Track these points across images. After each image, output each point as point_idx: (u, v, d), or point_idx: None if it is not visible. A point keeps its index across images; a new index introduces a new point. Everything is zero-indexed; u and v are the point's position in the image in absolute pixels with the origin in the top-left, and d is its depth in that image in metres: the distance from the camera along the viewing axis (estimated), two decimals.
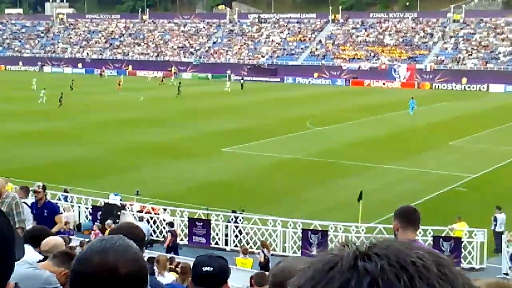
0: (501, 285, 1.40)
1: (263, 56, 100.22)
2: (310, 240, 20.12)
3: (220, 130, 45.26)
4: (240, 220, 22.94)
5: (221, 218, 23.02)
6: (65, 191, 25.72)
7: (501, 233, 21.66)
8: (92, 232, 21.54)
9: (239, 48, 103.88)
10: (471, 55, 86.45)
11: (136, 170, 32.88)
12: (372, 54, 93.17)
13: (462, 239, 21.04)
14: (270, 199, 27.59)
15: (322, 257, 1.18)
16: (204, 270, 4.00)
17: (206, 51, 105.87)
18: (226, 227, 22.84)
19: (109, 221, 20.64)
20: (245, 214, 23.44)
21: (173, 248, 20.72)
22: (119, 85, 73.88)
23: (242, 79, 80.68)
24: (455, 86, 79.49)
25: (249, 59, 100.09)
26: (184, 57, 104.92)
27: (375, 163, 34.57)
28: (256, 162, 35.44)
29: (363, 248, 1.17)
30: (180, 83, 71.06)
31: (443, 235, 21.21)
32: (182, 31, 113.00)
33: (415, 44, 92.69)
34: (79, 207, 24.87)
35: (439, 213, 24.95)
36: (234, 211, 23.49)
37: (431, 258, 1.14)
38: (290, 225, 22.04)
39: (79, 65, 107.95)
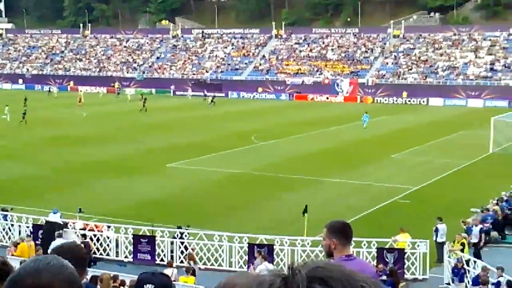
0: None
1: (207, 71, 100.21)
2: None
3: (164, 145, 44.96)
4: (185, 236, 22.76)
5: (166, 234, 22.80)
6: (4, 210, 25.05)
7: (443, 243, 22.11)
8: (8, 249, 20.99)
9: (183, 63, 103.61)
10: (411, 69, 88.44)
11: (79, 187, 32.31)
12: (315, 69, 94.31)
13: (405, 250, 21.38)
14: (216, 214, 27.50)
15: (272, 278, 1.16)
16: (146, 287, 3.95)
17: (150, 66, 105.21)
18: (172, 243, 22.63)
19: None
20: (191, 229, 23.28)
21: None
22: (80, 101, 72.65)
23: (214, 97, 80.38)
24: (396, 100, 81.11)
25: (193, 74, 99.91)
26: (127, 72, 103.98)
27: (319, 176, 34.89)
28: (201, 177, 35.29)
29: (314, 271, 1.16)
30: (145, 98, 70.08)
31: (386, 246, 21.52)
32: (125, 47, 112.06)
33: (357, 59, 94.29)
34: (19, 226, 24.25)
35: (383, 225, 25.34)
36: (179, 227, 23.30)
37: (373, 285, 1.18)
38: (236, 239, 21.99)
39: (20, 80, 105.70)
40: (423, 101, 79.38)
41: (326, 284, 1.12)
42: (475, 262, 20.17)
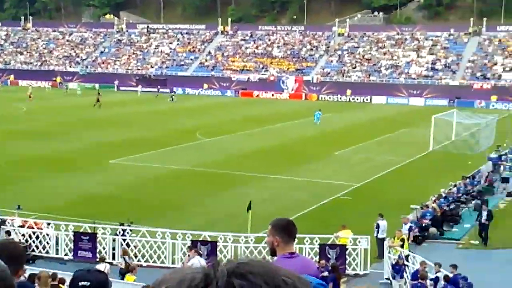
0: None
1: (152, 67, 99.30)
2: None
3: (107, 141, 44.36)
4: (128, 233, 22.50)
5: (108, 231, 22.48)
6: None
7: (383, 239, 22.49)
8: None
9: (127, 58, 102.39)
10: (355, 68, 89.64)
11: (17, 183, 31.54)
12: (261, 66, 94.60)
13: (347, 246, 21.67)
14: (159, 211, 27.28)
15: (193, 275, 1.14)
16: (81, 284, 3.88)
17: (93, 61, 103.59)
18: (114, 240, 22.34)
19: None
20: (134, 226, 23.03)
21: None
22: (30, 96, 70.78)
23: (174, 93, 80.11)
24: (340, 98, 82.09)
25: (138, 70, 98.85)
26: (70, 66, 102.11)
27: (264, 173, 35.02)
28: (145, 173, 34.96)
29: (235, 267, 1.15)
30: (99, 93, 68.74)
31: (329, 243, 21.75)
32: (68, 40, 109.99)
33: (303, 57, 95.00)
34: None
35: (325, 221, 25.60)
36: (122, 224, 23.01)
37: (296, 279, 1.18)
38: (179, 236, 21.86)
39: None
40: (367, 99, 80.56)
41: (246, 279, 1.11)
42: (414, 257, 20.58)
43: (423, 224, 25.19)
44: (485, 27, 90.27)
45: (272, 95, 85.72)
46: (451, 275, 18.06)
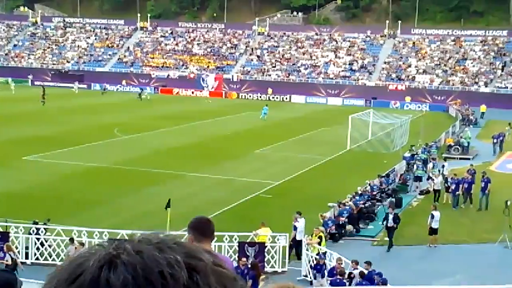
0: (284, 286, 1.35)
1: (68, 61, 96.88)
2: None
3: (21, 137, 42.90)
4: (42, 231, 21.82)
5: (21, 230, 21.74)
6: None
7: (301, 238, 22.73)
8: None
9: (42, 52, 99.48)
10: (274, 67, 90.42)
11: None
12: (181, 63, 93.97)
13: (266, 244, 21.79)
14: (75, 209, 26.60)
15: (71, 263, 1.04)
16: None
17: (6, 54, 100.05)
18: (27, 239, 21.63)
19: None
20: (49, 225, 22.36)
21: None
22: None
23: (142, 90, 78.20)
24: (260, 96, 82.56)
25: (54, 64, 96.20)
26: None
27: (183, 171, 34.78)
28: (61, 171, 34.03)
29: (113, 251, 1.04)
30: (44, 90, 66.01)
31: (248, 240, 21.81)
32: None
33: (223, 55, 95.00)
34: None
35: (245, 219, 25.67)
36: (35, 222, 22.30)
37: (185, 263, 1.04)
38: (96, 235, 21.40)
39: None
40: (286, 98, 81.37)
41: (116, 270, 1.01)
42: (331, 254, 20.91)
43: (340, 222, 25.65)
44: (400, 30, 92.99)
45: (192, 92, 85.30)
46: (366, 271, 18.45)
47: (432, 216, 24.85)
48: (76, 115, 56.09)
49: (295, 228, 23.10)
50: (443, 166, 35.00)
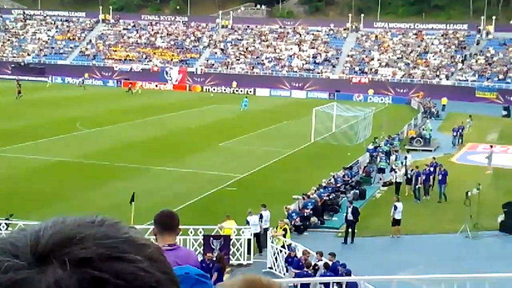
0: (251, 279, 1.34)
1: (29, 54, 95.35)
2: None
3: None
4: (3, 227, 21.49)
5: None
6: None
7: (266, 229, 22.85)
8: None
9: (1, 45, 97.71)
10: (239, 60, 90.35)
11: None
12: (144, 56, 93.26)
13: (231, 237, 21.82)
14: (39, 204, 26.24)
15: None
16: None
17: None
18: None
19: None
20: (11, 220, 22.02)
21: None
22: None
23: (82, 81, 77.48)
24: (224, 90, 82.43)
25: (14, 57, 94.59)
26: None
27: (147, 165, 34.57)
28: (22, 165, 33.52)
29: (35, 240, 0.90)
30: (20, 84, 64.45)
31: (213, 233, 21.82)
32: None
33: (186, 48, 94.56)
34: None
35: (210, 212, 25.66)
36: None
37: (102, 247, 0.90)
38: None
39: None
40: (251, 91, 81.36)
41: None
42: (296, 246, 21.04)
43: (305, 214, 25.81)
44: (363, 23, 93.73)
45: (156, 85, 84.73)
46: (330, 263, 18.62)
47: (395, 207, 25.17)
48: (37, 109, 55.26)
49: (261, 217, 23.20)
50: (405, 158, 35.45)
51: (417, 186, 30.70)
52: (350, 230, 24.48)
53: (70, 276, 0.84)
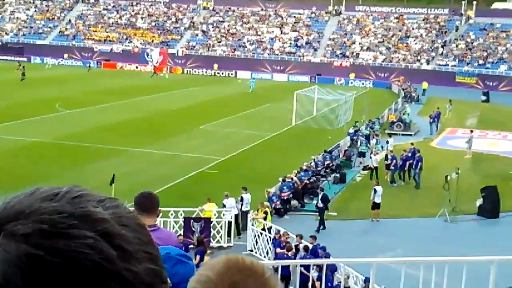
0: (233, 259, 1.32)
1: (7, 34, 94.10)
2: None
3: None
4: None
5: None
6: None
7: (247, 212, 22.88)
8: None
9: None
10: (220, 42, 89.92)
11: None
12: (125, 37, 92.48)
13: (212, 219, 21.84)
14: (18, 185, 26.00)
15: None
16: None
17: None
18: None
19: None
20: None
21: None
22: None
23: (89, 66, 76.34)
24: (206, 72, 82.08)
25: None
26: None
27: (127, 146, 34.41)
28: (2, 145, 33.18)
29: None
30: (23, 67, 63.28)
31: (193, 216, 21.81)
32: None
33: (167, 29, 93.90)
34: None
35: (190, 195, 25.63)
36: None
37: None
38: None
39: None
40: (232, 74, 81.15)
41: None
42: (276, 229, 21.09)
43: (284, 197, 25.85)
44: (344, 7, 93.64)
45: (136, 67, 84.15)
46: (310, 245, 18.71)
47: (375, 191, 25.32)
48: (16, 89, 54.65)
49: (242, 199, 23.23)
50: (387, 142, 35.61)
51: (395, 171, 30.86)
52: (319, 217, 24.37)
53: (8, 252, 0.81)
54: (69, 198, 0.89)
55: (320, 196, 24.59)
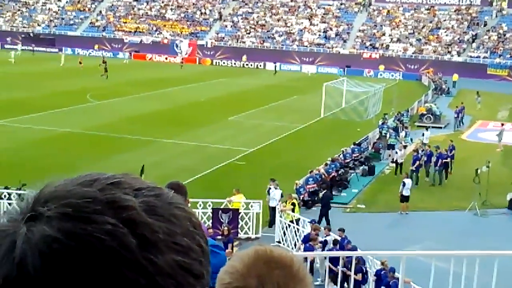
0: (262, 250, 1.32)
1: (39, 25, 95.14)
2: None
3: None
4: (14, 196, 21.63)
5: None
6: None
7: (274, 208, 22.84)
8: None
9: (12, 15, 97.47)
10: (249, 33, 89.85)
11: None
12: (154, 28, 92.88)
13: (240, 211, 21.90)
14: (49, 175, 26.29)
15: None
16: None
17: None
18: None
19: None
20: (25, 190, 22.16)
21: None
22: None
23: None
24: (235, 63, 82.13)
25: (24, 27, 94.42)
26: None
27: (156, 137, 34.62)
28: (34, 136, 33.67)
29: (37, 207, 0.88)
30: (105, 62, 63.35)
31: (222, 207, 21.89)
32: None
33: (197, 20, 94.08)
34: None
35: (218, 186, 25.72)
36: (7, 187, 22.10)
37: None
38: None
39: None
40: (260, 65, 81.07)
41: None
42: (304, 221, 21.09)
43: (311, 189, 25.76)
44: None
45: (166, 58, 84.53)
46: (339, 238, 18.67)
47: (404, 184, 25.14)
48: (48, 80, 55.28)
49: (268, 192, 23.21)
50: (423, 134, 35.13)
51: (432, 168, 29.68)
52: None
53: (32, 233, 0.82)
54: (104, 184, 0.90)
55: (321, 194, 23.71)
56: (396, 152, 31.70)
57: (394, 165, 31.83)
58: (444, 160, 29.65)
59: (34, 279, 0.80)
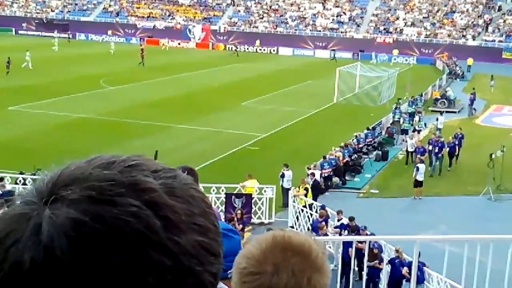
0: (279, 237, 1.32)
1: (52, 10, 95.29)
2: None
3: (7, 87, 42.45)
4: (29, 181, 21.79)
5: (8, 180, 21.70)
6: None
7: (288, 189, 22.90)
8: None
9: (26, 1, 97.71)
10: (262, 18, 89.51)
11: None
12: (167, 13, 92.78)
13: (253, 196, 21.93)
14: (63, 160, 26.44)
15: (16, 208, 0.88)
16: None
17: None
18: (13, 189, 21.58)
19: None
20: (38, 175, 22.31)
21: None
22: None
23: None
24: (248, 48, 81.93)
25: (38, 13, 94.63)
26: None
27: (169, 123, 34.68)
28: (48, 121, 33.85)
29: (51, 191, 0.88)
30: (142, 49, 63.23)
31: (235, 192, 21.93)
32: None
33: (210, 5, 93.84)
34: None
35: (232, 171, 25.75)
36: (22, 173, 22.26)
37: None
38: None
39: None
40: (274, 50, 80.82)
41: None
42: (317, 206, 21.09)
43: (326, 174, 25.75)
44: None
45: (179, 43, 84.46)
46: (354, 224, 18.62)
47: (417, 169, 25.04)
48: (62, 66, 55.44)
49: (283, 176, 23.24)
50: (437, 119, 34.89)
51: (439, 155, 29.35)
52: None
53: (57, 216, 0.82)
54: (122, 166, 0.90)
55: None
56: (406, 141, 31.28)
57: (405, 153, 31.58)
58: (447, 149, 29.07)
59: (62, 262, 0.80)
